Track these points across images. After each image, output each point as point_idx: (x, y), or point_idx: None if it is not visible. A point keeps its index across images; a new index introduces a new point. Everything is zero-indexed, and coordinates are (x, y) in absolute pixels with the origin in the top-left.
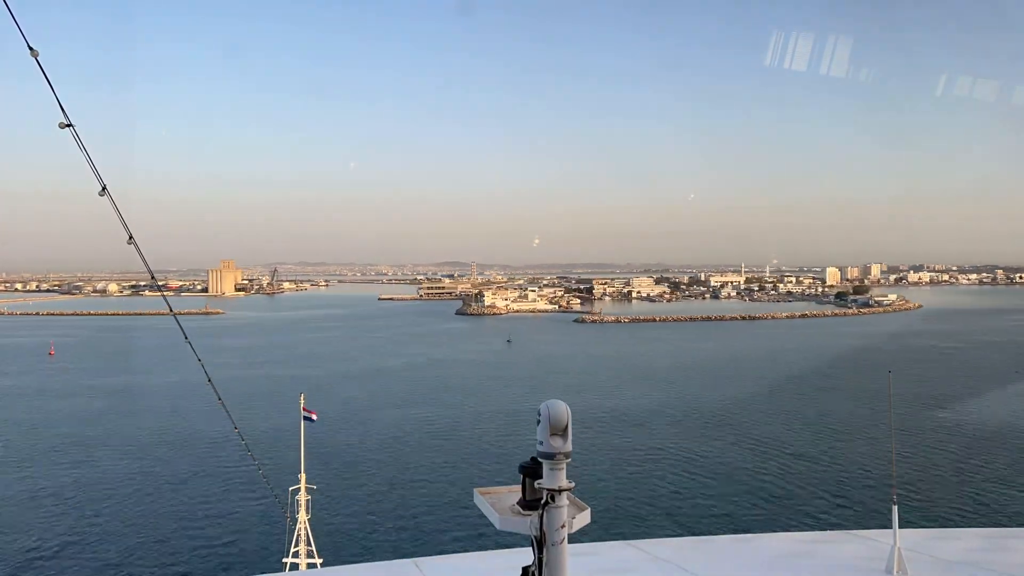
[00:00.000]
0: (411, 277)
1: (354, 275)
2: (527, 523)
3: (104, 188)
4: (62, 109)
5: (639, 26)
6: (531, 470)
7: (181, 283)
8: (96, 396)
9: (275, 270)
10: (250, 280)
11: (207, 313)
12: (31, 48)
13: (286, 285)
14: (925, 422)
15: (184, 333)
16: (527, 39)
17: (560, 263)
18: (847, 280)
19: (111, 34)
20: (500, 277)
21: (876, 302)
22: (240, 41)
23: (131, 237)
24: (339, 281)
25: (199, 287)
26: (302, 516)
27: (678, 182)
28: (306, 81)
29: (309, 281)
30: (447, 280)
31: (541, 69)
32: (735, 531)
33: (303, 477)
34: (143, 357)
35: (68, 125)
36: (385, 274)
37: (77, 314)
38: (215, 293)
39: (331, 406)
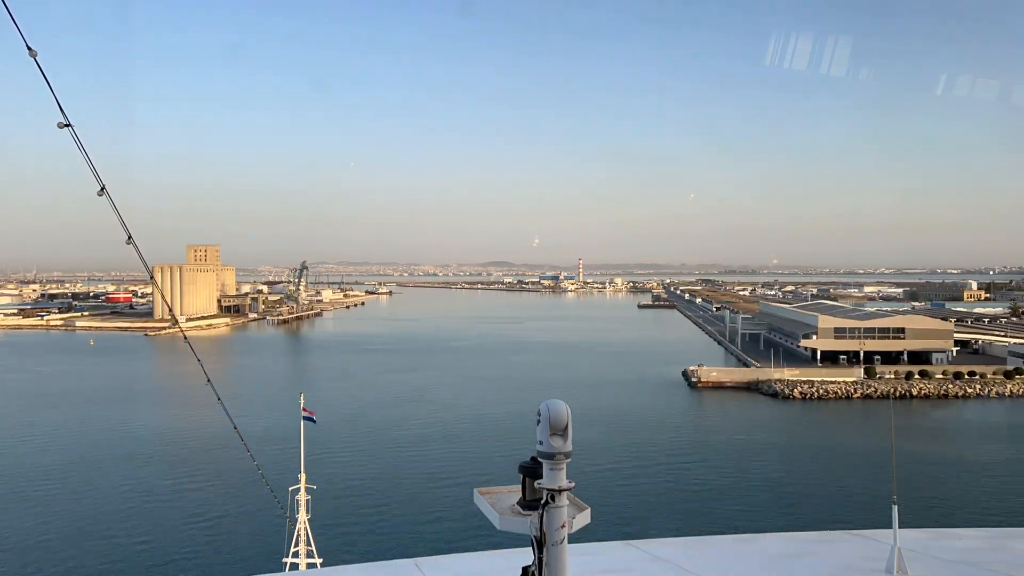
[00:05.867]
0: (460, 278)
1: (400, 275)
2: (527, 523)
3: (103, 188)
4: (61, 109)
5: (642, 32)
6: (531, 470)
7: (123, 291)
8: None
9: (303, 265)
10: (270, 283)
11: None
12: (30, 48)
13: (327, 294)
14: None
15: (184, 334)
16: (546, 51)
17: (615, 263)
18: None
19: (110, 35)
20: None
21: None
22: (240, 39)
23: (130, 237)
24: (398, 284)
25: (145, 299)
26: (302, 516)
27: (698, 183)
28: (312, 83)
29: (358, 285)
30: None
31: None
32: (735, 531)
33: (303, 477)
34: None
35: (67, 125)
36: (435, 274)
37: None
38: (161, 320)
39: None
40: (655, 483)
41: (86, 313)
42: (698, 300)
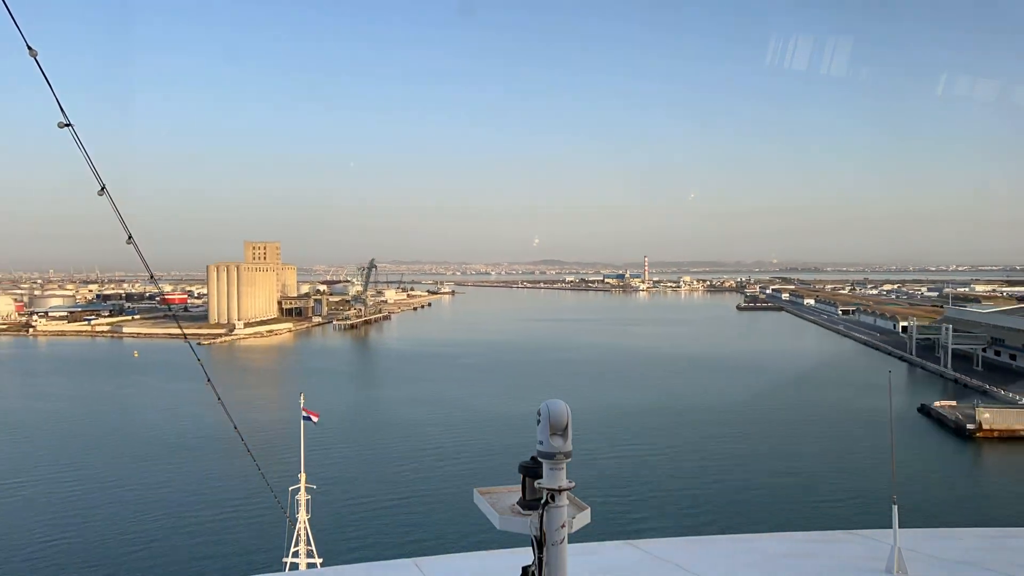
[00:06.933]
0: (513, 276)
1: (452, 273)
2: (527, 523)
3: (103, 188)
4: (61, 109)
5: (646, 43)
6: (531, 470)
7: (152, 290)
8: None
9: (371, 263)
10: (328, 283)
11: None
12: (30, 48)
13: (391, 294)
14: None
15: (184, 334)
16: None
17: (670, 261)
18: None
19: (111, 36)
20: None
21: None
22: (243, 36)
23: (130, 237)
24: (458, 284)
25: (201, 300)
26: (302, 516)
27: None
28: (352, 78)
29: (418, 284)
30: None
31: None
32: (735, 531)
33: (303, 477)
34: None
35: (67, 125)
36: (487, 273)
37: None
38: (216, 326)
39: None
40: (655, 483)
41: (136, 316)
42: (807, 301)
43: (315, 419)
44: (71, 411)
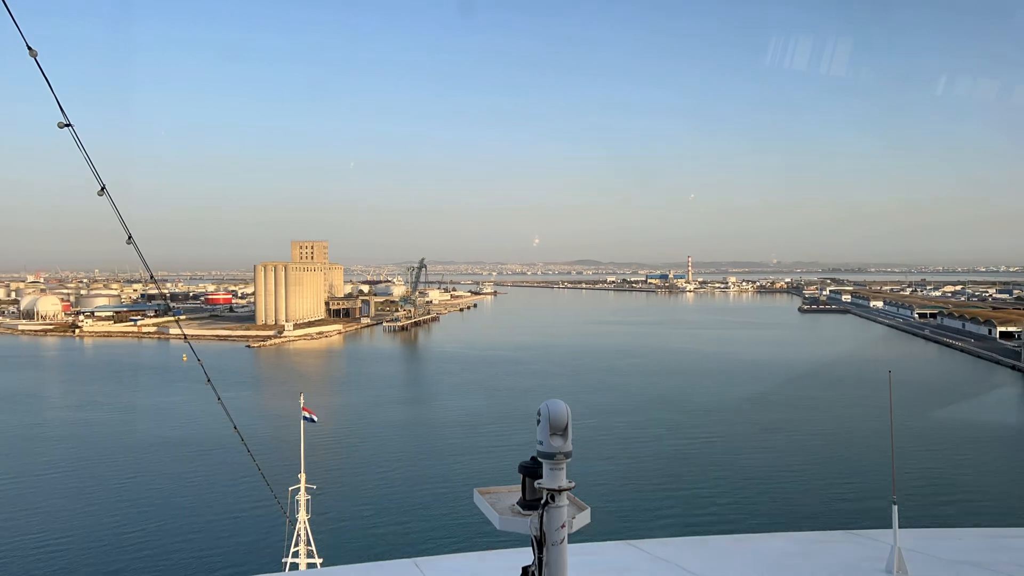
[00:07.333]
0: (549, 276)
1: (488, 274)
2: (527, 523)
3: (103, 188)
4: (61, 109)
5: (645, 44)
6: (531, 470)
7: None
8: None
9: (422, 263)
10: (370, 283)
11: None
12: (30, 48)
13: (434, 295)
14: None
15: (184, 334)
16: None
17: (706, 261)
18: None
19: (111, 37)
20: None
21: None
22: (245, 35)
23: (130, 237)
24: (497, 284)
25: (245, 300)
26: (302, 516)
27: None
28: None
29: (458, 285)
30: None
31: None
32: (735, 531)
33: (303, 477)
34: None
35: (67, 125)
36: (523, 273)
37: None
38: (264, 327)
39: None
40: (655, 483)
41: (183, 317)
42: (873, 303)
43: (313, 417)
44: (102, 418)
